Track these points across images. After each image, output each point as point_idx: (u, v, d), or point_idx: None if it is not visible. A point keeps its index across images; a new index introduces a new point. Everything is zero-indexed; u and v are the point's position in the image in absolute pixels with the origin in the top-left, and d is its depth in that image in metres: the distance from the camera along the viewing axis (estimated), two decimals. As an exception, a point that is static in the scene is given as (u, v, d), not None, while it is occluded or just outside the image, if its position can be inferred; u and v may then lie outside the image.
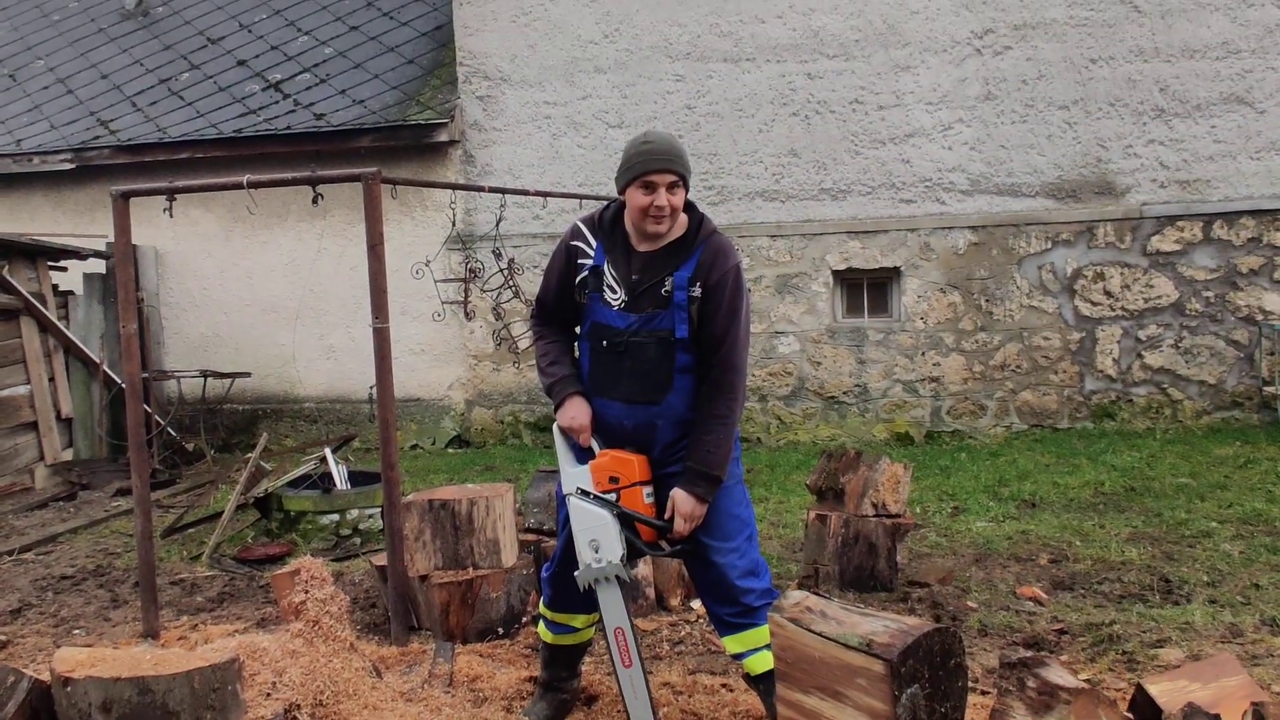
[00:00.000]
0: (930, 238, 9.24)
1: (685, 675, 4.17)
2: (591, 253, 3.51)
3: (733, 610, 3.45)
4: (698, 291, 3.38)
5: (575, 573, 3.44)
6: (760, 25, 9.38)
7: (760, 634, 3.37)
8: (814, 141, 9.38)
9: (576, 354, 3.67)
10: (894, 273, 9.40)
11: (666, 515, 3.36)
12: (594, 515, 3.33)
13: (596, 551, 3.32)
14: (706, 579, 3.50)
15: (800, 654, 2.98)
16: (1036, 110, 9.00)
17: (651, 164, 3.30)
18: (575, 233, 3.58)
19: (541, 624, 3.82)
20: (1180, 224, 8.84)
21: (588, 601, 3.51)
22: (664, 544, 3.44)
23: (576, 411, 3.50)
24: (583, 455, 3.50)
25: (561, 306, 3.61)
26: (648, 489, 3.39)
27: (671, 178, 3.32)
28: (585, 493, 3.35)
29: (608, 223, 3.52)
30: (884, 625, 2.89)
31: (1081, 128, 8.95)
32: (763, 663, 3.39)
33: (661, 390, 3.43)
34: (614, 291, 3.46)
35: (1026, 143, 9.04)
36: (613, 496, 3.32)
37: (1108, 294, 8.98)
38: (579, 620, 3.74)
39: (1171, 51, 8.75)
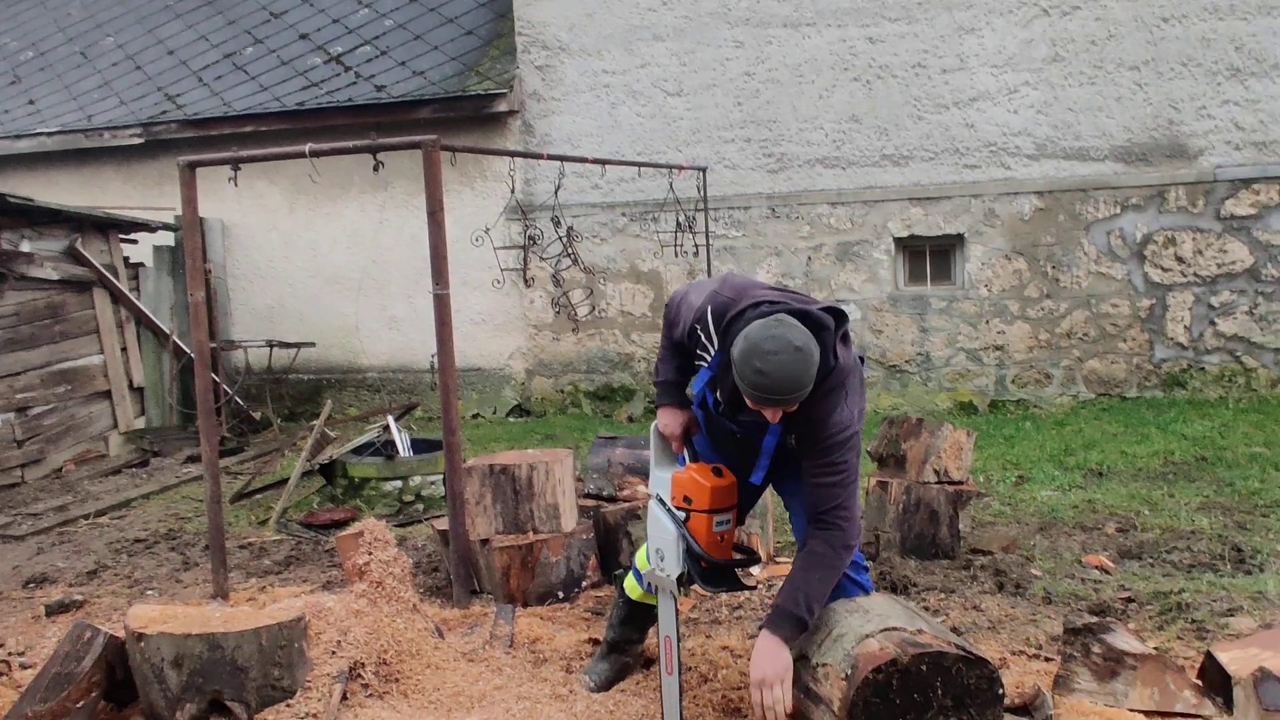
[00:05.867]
0: (995, 204, 9.08)
1: (744, 640, 4.18)
2: (708, 359, 3.25)
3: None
4: (791, 441, 3.19)
5: (644, 569, 3.45)
6: (821, -11, 9.25)
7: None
8: (875, 107, 9.24)
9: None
10: (957, 240, 9.25)
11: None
12: (663, 527, 3.27)
13: (661, 560, 3.29)
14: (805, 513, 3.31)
15: None
16: (1105, 71, 8.78)
17: (760, 400, 2.94)
18: (703, 320, 3.22)
19: (631, 577, 3.73)
20: (1256, 187, 8.58)
21: None
22: (715, 582, 3.29)
23: (669, 420, 3.45)
24: (676, 459, 3.49)
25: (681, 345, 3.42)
26: (720, 518, 3.23)
27: (789, 406, 2.99)
28: (662, 501, 3.32)
29: (728, 347, 3.07)
30: None
31: (1152, 89, 8.71)
32: None
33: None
34: (720, 401, 3.30)
35: (1095, 105, 8.82)
36: (682, 515, 3.26)
37: (1179, 260, 8.76)
38: None
39: (1247, 9, 8.46)
